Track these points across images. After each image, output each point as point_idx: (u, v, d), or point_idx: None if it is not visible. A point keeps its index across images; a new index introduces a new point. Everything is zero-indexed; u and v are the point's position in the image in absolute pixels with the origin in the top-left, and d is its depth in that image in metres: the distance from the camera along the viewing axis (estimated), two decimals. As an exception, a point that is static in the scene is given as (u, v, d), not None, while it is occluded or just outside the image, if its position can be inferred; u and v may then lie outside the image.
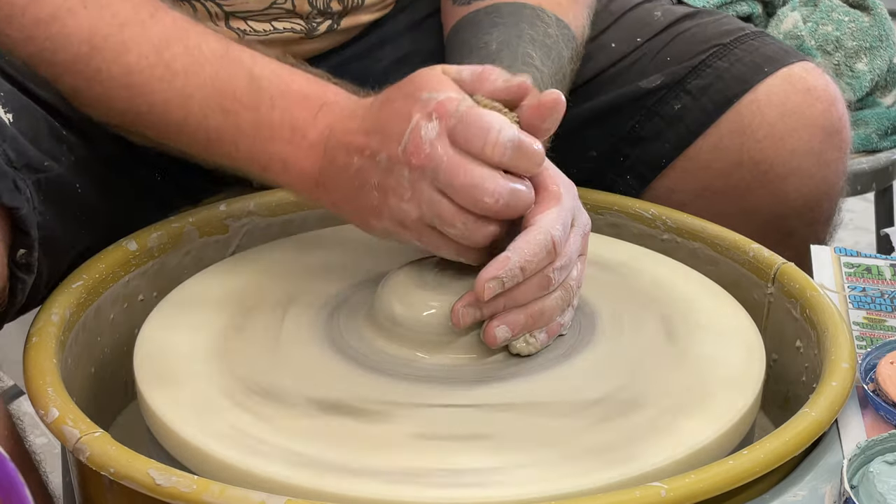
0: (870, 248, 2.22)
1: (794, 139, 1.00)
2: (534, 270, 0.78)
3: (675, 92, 1.03)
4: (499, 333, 0.80)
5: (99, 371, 0.92)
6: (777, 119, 1.00)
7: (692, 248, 1.00)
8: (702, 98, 1.02)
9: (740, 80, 1.01)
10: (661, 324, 0.88)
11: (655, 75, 1.04)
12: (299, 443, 0.74)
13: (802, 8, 1.79)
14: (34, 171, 0.85)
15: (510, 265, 0.77)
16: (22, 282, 0.85)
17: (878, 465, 0.74)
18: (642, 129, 1.05)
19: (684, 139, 1.03)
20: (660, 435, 0.75)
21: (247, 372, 0.81)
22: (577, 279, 0.83)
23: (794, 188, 1.01)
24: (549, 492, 0.70)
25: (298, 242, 0.98)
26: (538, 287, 0.79)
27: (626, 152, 1.06)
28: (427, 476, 0.71)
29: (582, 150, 1.06)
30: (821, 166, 1.01)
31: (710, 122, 1.01)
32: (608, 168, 1.07)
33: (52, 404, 0.76)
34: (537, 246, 0.78)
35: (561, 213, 0.80)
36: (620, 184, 1.07)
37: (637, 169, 1.06)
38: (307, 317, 0.87)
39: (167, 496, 0.69)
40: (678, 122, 1.03)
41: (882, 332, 0.90)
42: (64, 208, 0.89)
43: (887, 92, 1.76)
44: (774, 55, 1.03)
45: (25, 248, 0.84)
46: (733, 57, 1.02)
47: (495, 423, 0.77)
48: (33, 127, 0.88)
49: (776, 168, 1.00)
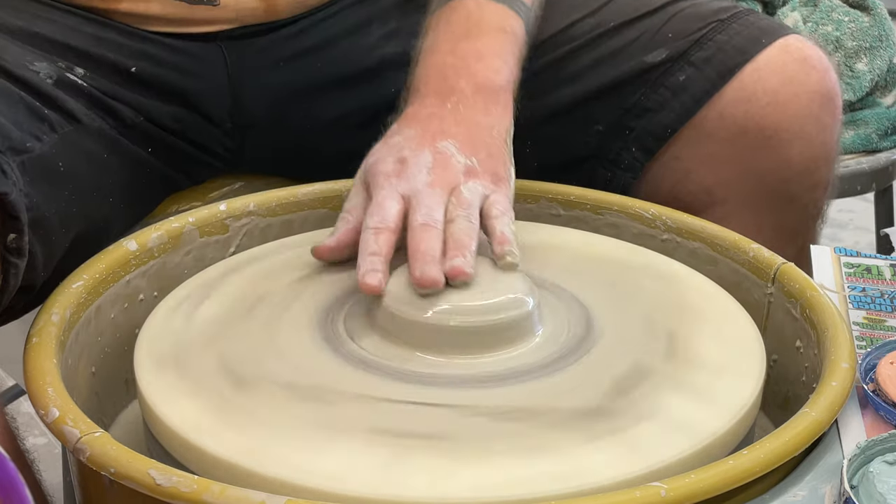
0: (870, 248, 2.23)
1: (795, 105, 1.04)
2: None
3: (679, 64, 1.07)
4: (456, 264, 0.83)
5: (99, 371, 0.92)
6: (779, 86, 1.04)
7: (692, 248, 1.00)
8: (705, 68, 1.06)
9: (741, 51, 1.06)
10: (661, 324, 0.88)
11: (659, 50, 1.08)
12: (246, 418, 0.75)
13: (802, 8, 1.79)
14: (18, 152, 0.86)
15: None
16: (14, 266, 0.85)
17: (878, 465, 0.74)
18: (648, 100, 1.08)
19: (690, 108, 1.06)
20: (661, 433, 0.75)
21: (251, 374, 0.81)
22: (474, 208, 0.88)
23: (797, 152, 1.05)
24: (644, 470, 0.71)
25: (298, 242, 0.98)
26: (423, 229, 0.85)
27: (632, 125, 1.09)
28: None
29: (588, 124, 1.09)
30: (819, 130, 1.05)
31: (714, 90, 1.05)
32: (614, 141, 1.10)
33: (53, 404, 0.76)
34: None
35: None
36: (626, 157, 1.10)
37: (643, 140, 1.09)
38: (306, 317, 0.87)
39: (167, 496, 0.69)
40: (683, 91, 1.07)
41: (882, 332, 0.90)
42: (50, 187, 0.89)
43: (887, 92, 1.76)
44: (769, 28, 1.08)
45: (15, 233, 0.84)
46: (732, 31, 1.07)
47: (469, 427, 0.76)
48: (10, 107, 0.89)
49: (780, 133, 1.04)
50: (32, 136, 0.89)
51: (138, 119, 1.06)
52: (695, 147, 1.07)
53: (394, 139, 0.92)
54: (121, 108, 1.05)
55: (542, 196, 1.06)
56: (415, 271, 0.83)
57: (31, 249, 0.86)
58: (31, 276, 0.88)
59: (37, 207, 0.87)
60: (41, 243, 0.88)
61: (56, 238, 0.91)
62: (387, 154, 0.91)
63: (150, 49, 1.08)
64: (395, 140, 0.92)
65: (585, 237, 1.00)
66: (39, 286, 0.90)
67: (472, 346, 0.82)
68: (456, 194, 0.88)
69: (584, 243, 0.99)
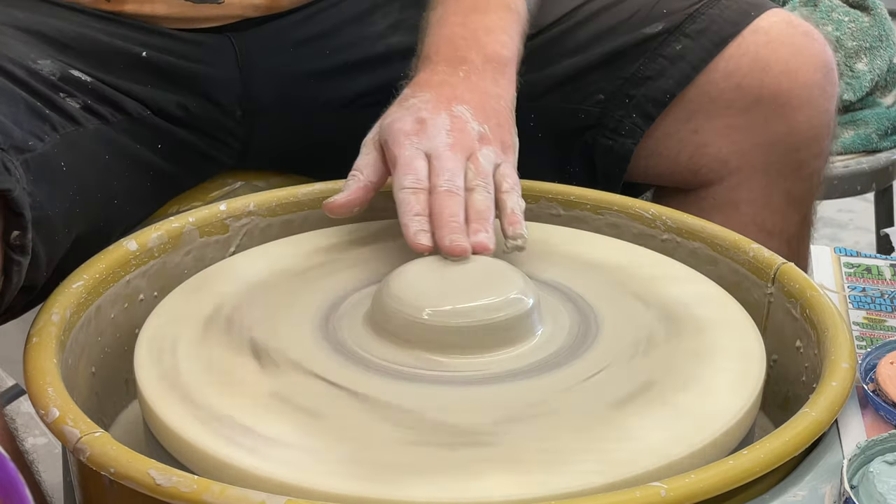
0: (870, 248, 2.23)
1: (804, 73, 1.10)
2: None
3: (675, 36, 1.13)
4: (481, 239, 0.86)
5: (99, 371, 0.92)
6: (790, 56, 1.10)
7: (692, 248, 1.00)
8: (700, 39, 1.12)
9: (731, 23, 1.12)
10: (661, 324, 0.88)
11: (656, 23, 1.13)
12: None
13: (802, 8, 1.79)
14: (20, 150, 0.86)
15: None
16: (17, 264, 0.85)
17: (878, 465, 0.74)
18: (647, 69, 1.13)
19: (687, 74, 1.12)
20: (659, 434, 0.75)
21: (252, 378, 0.81)
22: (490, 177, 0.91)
23: (806, 118, 1.11)
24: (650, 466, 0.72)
25: (298, 242, 0.98)
26: (448, 196, 0.87)
27: (632, 93, 1.13)
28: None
29: (589, 93, 1.14)
30: (824, 98, 1.12)
31: (709, 58, 1.11)
32: (614, 109, 1.13)
33: (53, 404, 0.76)
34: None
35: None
36: (626, 123, 1.13)
37: (643, 107, 1.13)
38: (307, 318, 0.87)
39: (167, 496, 0.69)
40: (680, 59, 1.12)
41: (882, 332, 0.90)
42: (53, 187, 0.90)
43: (887, 92, 1.76)
44: (756, 3, 1.15)
45: (19, 230, 0.84)
46: (722, 6, 1.13)
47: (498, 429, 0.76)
48: (11, 107, 0.89)
49: (792, 100, 1.10)
50: (34, 136, 0.90)
51: (145, 113, 1.06)
52: (713, 119, 1.12)
53: (409, 101, 0.95)
54: (127, 101, 1.05)
55: (542, 196, 1.06)
56: (443, 240, 0.86)
57: (34, 248, 0.86)
58: (34, 276, 0.88)
59: (40, 206, 0.87)
60: (44, 242, 0.88)
61: (59, 238, 0.91)
62: (405, 114, 0.93)
63: (158, 40, 1.09)
64: (411, 102, 0.95)
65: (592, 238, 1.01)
66: (41, 286, 0.90)
67: (472, 346, 0.82)
68: (473, 160, 0.91)
69: (588, 245, 0.99)
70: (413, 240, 0.87)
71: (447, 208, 0.87)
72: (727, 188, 1.13)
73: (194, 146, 1.11)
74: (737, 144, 1.12)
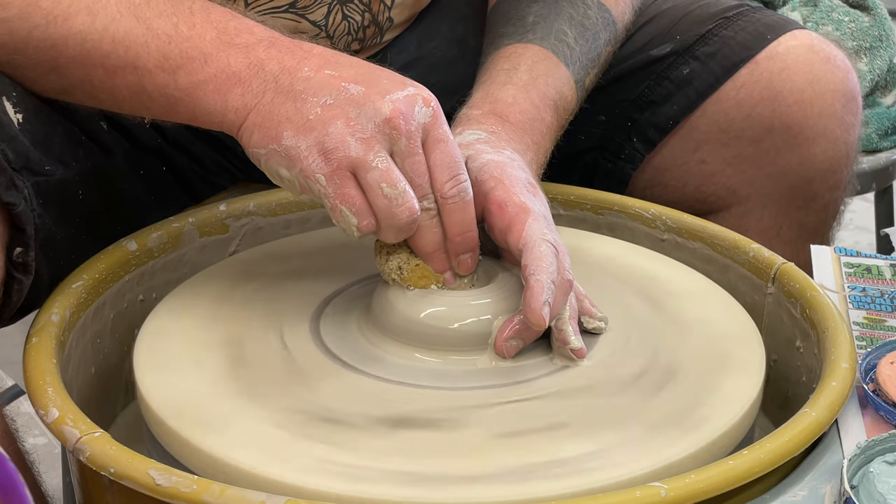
0: (870, 248, 2.23)
1: (820, 103, 1.06)
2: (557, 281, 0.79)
3: (683, 58, 1.09)
4: (573, 343, 0.81)
5: (99, 371, 0.92)
6: (805, 85, 1.06)
7: (692, 248, 1.00)
8: (710, 63, 1.08)
9: (744, 47, 1.08)
10: (660, 324, 0.88)
11: (665, 45, 1.10)
12: (381, 460, 0.72)
13: (802, 8, 1.79)
14: (33, 173, 0.85)
15: (546, 287, 0.78)
16: (19, 282, 0.84)
17: (878, 465, 0.74)
18: (652, 92, 1.10)
19: (693, 101, 1.08)
20: (659, 434, 0.76)
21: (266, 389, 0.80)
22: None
23: (821, 150, 1.07)
24: (651, 467, 0.72)
25: (298, 242, 0.98)
26: (563, 293, 0.81)
27: (635, 116, 1.10)
28: (531, 471, 0.71)
29: (591, 114, 1.10)
30: (843, 129, 1.07)
31: (718, 84, 1.07)
32: (616, 132, 1.11)
33: (52, 404, 0.76)
34: (548, 258, 0.79)
35: (538, 219, 0.82)
36: (627, 147, 1.11)
37: (644, 132, 1.10)
38: (308, 319, 0.87)
39: (167, 496, 0.69)
40: (687, 84, 1.09)
41: (882, 332, 0.90)
42: (64, 213, 0.89)
43: (887, 92, 1.76)
44: (775, 24, 1.09)
45: (22, 247, 0.83)
46: (737, 27, 1.09)
47: (561, 412, 0.77)
48: (47, 129, 0.88)
49: (805, 132, 1.06)
50: (60, 161, 0.88)
51: (155, 141, 1.05)
52: (722, 149, 1.09)
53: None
54: (138, 129, 1.03)
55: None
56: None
57: (37, 269, 0.85)
58: (35, 297, 0.88)
59: (48, 229, 0.86)
60: (49, 266, 0.88)
61: (64, 262, 0.90)
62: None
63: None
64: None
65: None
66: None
67: (471, 346, 0.82)
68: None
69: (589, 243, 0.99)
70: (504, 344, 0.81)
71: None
72: (735, 216, 1.09)
73: (207, 161, 1.10)
74: (746, 174, 1.09)
